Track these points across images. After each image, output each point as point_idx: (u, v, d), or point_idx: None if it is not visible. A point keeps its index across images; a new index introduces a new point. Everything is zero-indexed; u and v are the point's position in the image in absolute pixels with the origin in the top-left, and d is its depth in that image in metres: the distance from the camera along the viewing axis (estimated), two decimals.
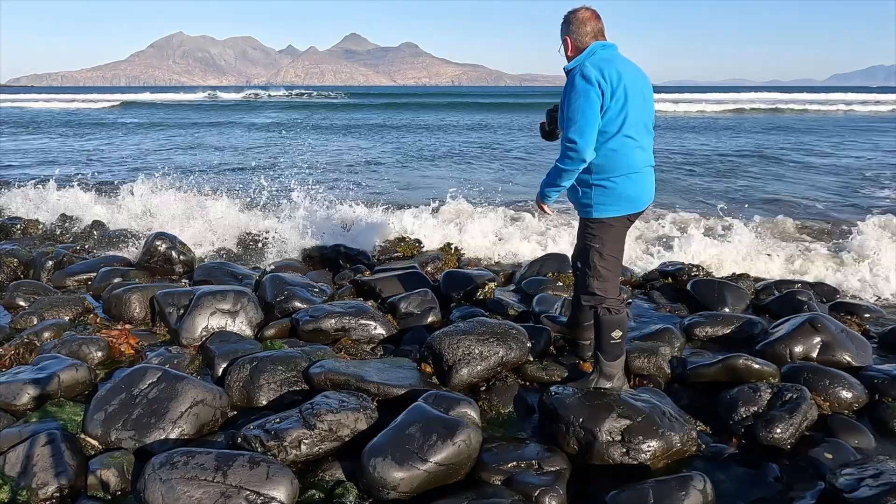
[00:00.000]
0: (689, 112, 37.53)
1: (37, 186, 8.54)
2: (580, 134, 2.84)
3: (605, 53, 2.98)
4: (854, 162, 14.73)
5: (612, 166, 2.95)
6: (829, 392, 3.25)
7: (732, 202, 9.33)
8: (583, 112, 2.84)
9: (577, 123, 2.85)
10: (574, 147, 2.86)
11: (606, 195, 3.00)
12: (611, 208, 3.02)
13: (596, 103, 2.84)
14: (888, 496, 2.18)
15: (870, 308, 4.75)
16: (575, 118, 2.86)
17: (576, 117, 2.86)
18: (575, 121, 2.86)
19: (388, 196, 10.02)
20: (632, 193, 3.02)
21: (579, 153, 2.86)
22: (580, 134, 2.84)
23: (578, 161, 2.90)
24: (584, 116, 2.84)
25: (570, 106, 2.88)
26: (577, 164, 2.92)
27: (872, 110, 40.78)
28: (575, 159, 2.89)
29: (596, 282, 3.11)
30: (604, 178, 2.98)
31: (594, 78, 2.85)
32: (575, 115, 2.86)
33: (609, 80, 2.86)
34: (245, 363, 3.31)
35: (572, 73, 2.95)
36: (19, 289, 4.82)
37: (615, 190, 2.99)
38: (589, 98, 2.83)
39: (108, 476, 2.48)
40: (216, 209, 7.23)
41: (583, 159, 2.89)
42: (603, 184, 2.99)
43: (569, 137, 2.87)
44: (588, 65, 2.90)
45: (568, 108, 2.90)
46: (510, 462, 2.63)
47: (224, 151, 17.21)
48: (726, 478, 2.64)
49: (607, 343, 3.15)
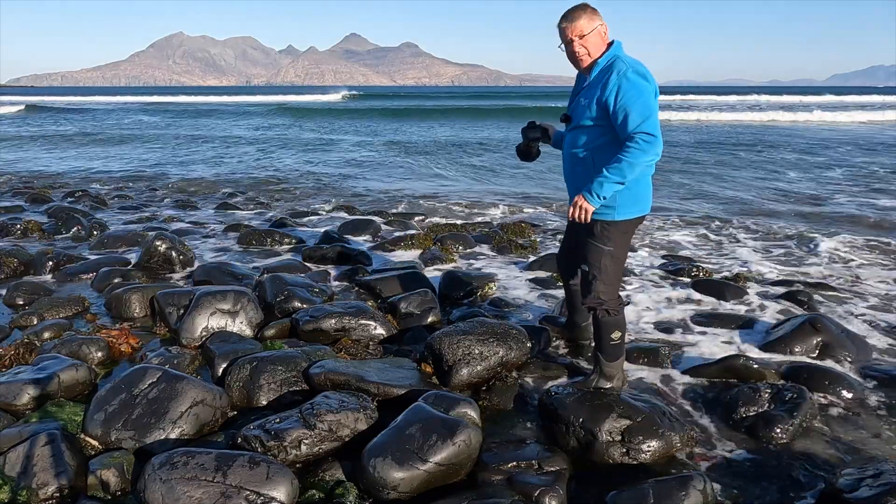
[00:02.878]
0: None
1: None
2: (655, 128, 2.78)
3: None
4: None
5: None
6: (830, 392, 3.26)
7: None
8: (651, 108, 2.79)
9: (651, 118, 2.77)
10: (653, 141, 2.76)
11: (630, 196, 2.96)
12: (632, 209, 3.00)
13: (655, 100, 2.83)
14: (888, 496, 2.18)
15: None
16: (646, 113, 2.76)
17: (646, 112, 2.76)
18: (646, 116, 2.76)
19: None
20: (647, 193, 3.03)
21: (656, 147, 2.77)
22: (655, 128, 2.78)
23: (654, 155, 2.79)
24: (653, 112, 2.79)
25: (636, 101, 2.77)
26: (652, 158, 2.81)
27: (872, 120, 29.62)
28: (650, 153, 2.77)
29: (602, 285, 3.09)
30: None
31: (649, 76, 2.83)
32: (645, 110, 2.77)
33: (652, 80, 2.86)
34: (245, 363, 3.31)
35: (617, 69, 2.83)
36: (19, 288, 4.82)
37: (637, 190, 2.97)
38: (651, 94, 2.81)
39: (108, 476, 2.48)
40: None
41: (657, 153, 2.80)
42: (629, 185, 2.95)
43: (645, 131, 2.75)
44: (633, 62, 2.87)
45: (633, 102, 2.77)
46: (510, 462, 2.63)
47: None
48: (726, 478, 2.64)
49: (607, 344, 3.15)
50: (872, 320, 4.41)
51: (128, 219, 8.18)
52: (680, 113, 33.58)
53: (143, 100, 56.39)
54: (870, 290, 5.14)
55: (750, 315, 4.46)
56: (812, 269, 5.85)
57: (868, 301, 4.86)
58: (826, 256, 6.33)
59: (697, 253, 6.51)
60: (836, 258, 6.26)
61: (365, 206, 9.36)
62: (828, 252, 6.46)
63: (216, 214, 8.65)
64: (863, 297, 4.94)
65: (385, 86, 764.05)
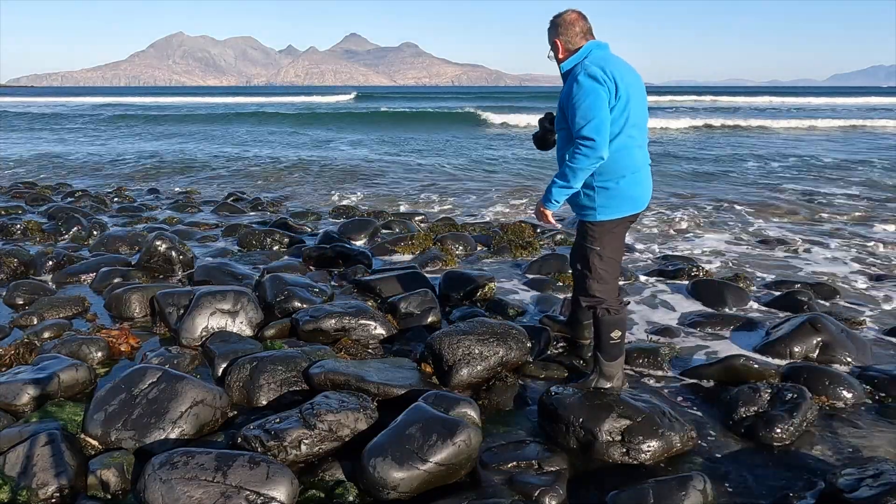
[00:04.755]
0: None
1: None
2: (597, 131, 2.77)
3: (601, 53, 2.97)
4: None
5: (616, 167, 2.93)
6: (830, 392, 3.26)
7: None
8: (596, 109, 2.78)
9: (593, 121, 2.78)
10: (592, 145, 2.78)
11: (610, 197, 2.98)
12: (614, 210, 3.01)
13: (605, 101, 2.81)
14: (888, 496, 2.18)
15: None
16: (588, 116, 2.78)
17: (589, 115, 2.78)
18: (589, 119, 2.78)
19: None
20: (634, 194, 3.02)
21: (597, 150, 2.79)
22: (597, 131, 2.77)
23: (596, 159, 2.81)
24: (598, 114, 2.78)
25: (580, 105, 2.81)
26: (595, 163, 2.83)
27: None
28: (592, 157, 2.80)
29: (596, 284, 3.12)
30: (607, 179, 2.96)
31: (600, 76, 2.82)
32: (588, 113, 2.78)
33: (612, 78, 2.84)
34: (245, 363, 3.31)
35: (574, 73, 2.91)
36: (19, 288, 4.82)
37: (618, 191, 2.98)
38: (599, 96, 2.80)
39: (108, 476, 2.48)
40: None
41: (600, 157, 2.81)
42: (606, 185, 2.97)
43: (585, 135, 2.78)
44: (590, 63, 2.87)
45: (577, 107, 2.82)
46: (510, 462, 2.63)
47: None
48: (726, 478, 2.64)
49: (607, 343, 3.16)
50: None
51: (128, 219, 8.19)
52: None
53: (143, 101, 54.90)
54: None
55: (750, 315, 4.46)
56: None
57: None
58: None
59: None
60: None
61: (365, 207, 9.37)
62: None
63: (216, 215, 8.65)
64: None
65: (386, 86, 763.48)
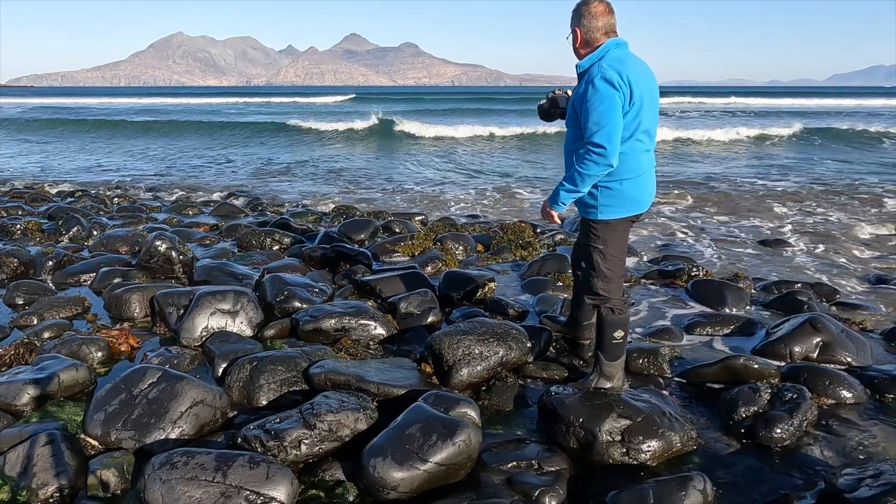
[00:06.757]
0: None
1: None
2: (608, 139, 2.77)
3: (619, 53, 2.91)
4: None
5: (621, 169, 2.92)
6: (829, 392, 3.26)
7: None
8: (609, 117, 2.77)
9: (605, 129, 2.77)
10: (603, 153, 2.78)
11: (612, 197, 2.98)
12: (616, 210, 3.01)
13: (619, 107, 2.79)
14: (888, 496, 2.18)
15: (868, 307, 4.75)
16: (601, 123, 2.77)
17: (602, 122, 2.77)
18: (601, 125, 2.77)
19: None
20: (636, 195, 3.02)
21: (607, 158, 2.79)
22: (608, 139, 2.77)
23: (605, 166, 2.81)
24: (610, 121, 2.77)
25: (594, 110, 2.79)
26: (604, 170, 2.83)
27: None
28: (601, 164, 2.80)
29: (600, 282, 3.11)
30: (611, 180, 2.96)
31: (616, 81, 2.79)
32: (601, 120, 2.77)
33: (628, 83, 2.81)
34: (245, 363, 3.31)
35: (590, 75, 2.86)
36: (19, 288, 4.82)
37: (621, 192, 2.97)
38: (614, 102, 2.78)
39: (108, 476, 2.48)
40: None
41: (610, 164, 2.81)
42: (610, 186, 2.97)
43: (596, 142, 2.78)
44: (607, 67, 2.82)
45: (591, 112, 2.80)
46: (510, 462, 2.63)
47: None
48: (726, 478, 2.64)
49: (608, 343, 3.16)
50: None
51: (128, 219, 8.19)
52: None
53: (144, 101, 54.65)
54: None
55: (750, 315, 4.46)
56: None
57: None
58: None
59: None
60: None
61: (365, 207, 9.37)
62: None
63: (216, 215, 8.65)
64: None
65: (385, 86, 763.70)
